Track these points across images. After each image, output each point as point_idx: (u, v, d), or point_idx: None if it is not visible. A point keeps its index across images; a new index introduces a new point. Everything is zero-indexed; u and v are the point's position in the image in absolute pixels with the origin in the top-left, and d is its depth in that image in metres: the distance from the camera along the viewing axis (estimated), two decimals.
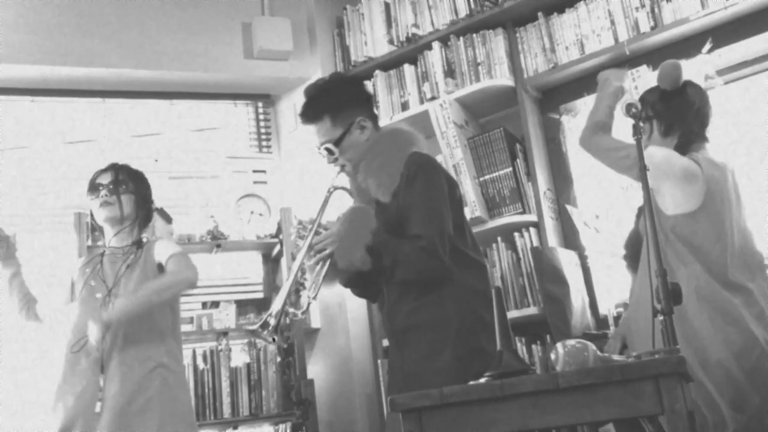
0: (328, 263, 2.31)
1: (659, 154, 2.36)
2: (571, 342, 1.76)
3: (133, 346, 2.69)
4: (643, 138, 2.50)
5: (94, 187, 2.86)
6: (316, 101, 2.45)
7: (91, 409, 2.62)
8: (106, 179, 2.86)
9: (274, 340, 2.26)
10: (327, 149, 2.44)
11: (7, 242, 2.90)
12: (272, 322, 2.21)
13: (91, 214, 3.00)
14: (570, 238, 3.53)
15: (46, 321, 2.90)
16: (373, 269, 2.29)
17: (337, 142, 2.42)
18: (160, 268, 2.82)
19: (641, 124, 2.48)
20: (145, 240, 2.88)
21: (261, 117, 4.40)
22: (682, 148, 2.45)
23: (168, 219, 3.64)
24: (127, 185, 2.86)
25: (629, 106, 2.13)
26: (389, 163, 2.40)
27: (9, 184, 3.77)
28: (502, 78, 3.63)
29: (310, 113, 2.45)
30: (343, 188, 2.52)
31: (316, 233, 2.35)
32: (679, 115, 2.46)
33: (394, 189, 2.37)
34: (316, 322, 3.89)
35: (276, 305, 2.23)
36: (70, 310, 2.79)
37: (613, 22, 3.42)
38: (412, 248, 2.26)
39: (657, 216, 2.29)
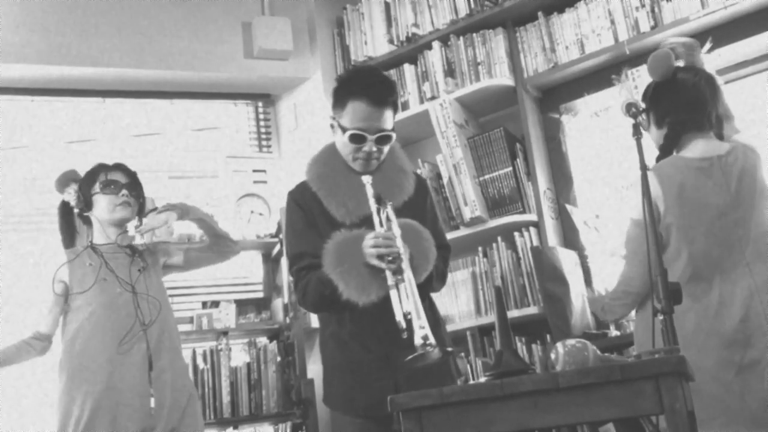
0: None
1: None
2: (571, 341, 1.76)
3: (175, 349, 2.86)
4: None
5: (109, 183, 2.85)
6: (393, 91, 2.43)
7: (147, 406, 2.68)
8: (122, 179, 2.89)
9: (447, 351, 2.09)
10: (386, 137, 2.39)
11: None
12: (430, 336, 2.03)
13: (68, 206, 2.92)
14: (570, 237, 3.54)
15: (47, 345, 2.85)
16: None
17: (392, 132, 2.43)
18: (164, 268, 2.99)
19: (642, 116, 2.49)
20: (137, 244, 2.91)
21: (261, 117, 4.40)
22: (672, 139, 2.42)
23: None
24: (141, 191, 2.95)
25: (629, 106, 2.12)
26: (405, 171, 2.51)
27: (9, 184, 3.77)
28: (502, 77, 3.63)
29: (390, 99, 2.41)
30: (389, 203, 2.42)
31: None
32: (668, 104, 2.44)
33: (407, 198, 2.44)
34: (315, 321, 3.88)
35: (418, 322, 2.04)
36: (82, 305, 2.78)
37: (613, 22, 3.42)
38: (442, 258, 2.44)
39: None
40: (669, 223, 2.29)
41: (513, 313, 3.35)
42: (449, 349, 2.08)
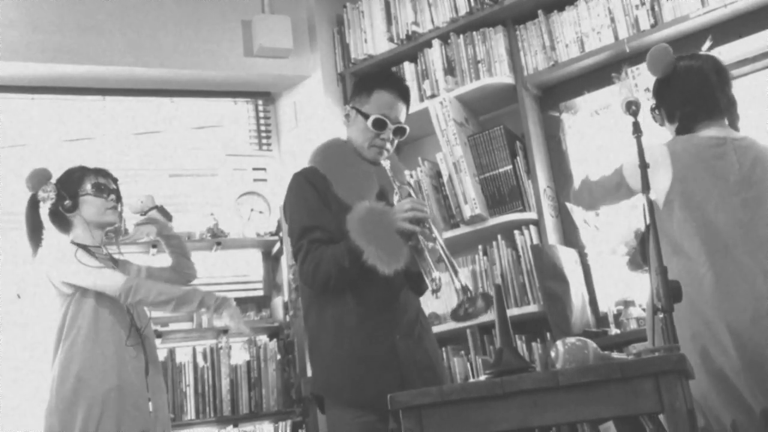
0: None
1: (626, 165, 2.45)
2: (571, 340, 1.77)
3: (157, 354, 2.93)
4: (657, 125, 2.53)
5: (100, 186, 2.86)
6: (410, 93, 2.59)
7: (147, 409, 2.73)
8: (110, 184, 2.92)
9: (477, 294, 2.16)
10: (403, 129, 2.51)
11: None
12: (470, 286, 2.16)
13: (37, 203, 2.91)
14: (570, 235, 3.54)
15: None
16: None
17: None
18: None
19: (656, 111, 2.49)
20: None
21: (261, 115, 4.40)
22: (684, 132, 2.42)
23: (168, 216, 3.64)
24: (121, 198, 2.97)
25: (629, 104, 2.12)
26: (403, 173, 2.66)
27: (9, 182, 3.76)
28: (502, 76, 3.63)
29: (409, 98, 2.58)
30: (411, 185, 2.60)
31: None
32: (673, 98, 2.45)
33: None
34: None
35: (458, 282, 2.14)
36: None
37: (613, 20, 3.42)
38: None
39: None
40: (671, 199, 2.29)
41: (513, 311, 3.34)
42: (490, 293, 2.13)
